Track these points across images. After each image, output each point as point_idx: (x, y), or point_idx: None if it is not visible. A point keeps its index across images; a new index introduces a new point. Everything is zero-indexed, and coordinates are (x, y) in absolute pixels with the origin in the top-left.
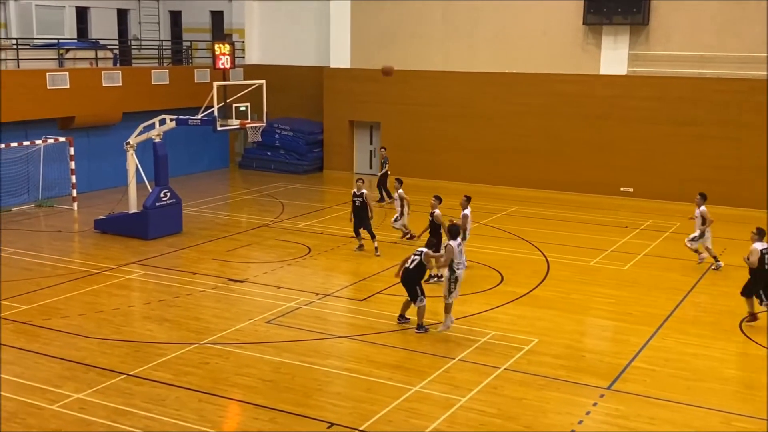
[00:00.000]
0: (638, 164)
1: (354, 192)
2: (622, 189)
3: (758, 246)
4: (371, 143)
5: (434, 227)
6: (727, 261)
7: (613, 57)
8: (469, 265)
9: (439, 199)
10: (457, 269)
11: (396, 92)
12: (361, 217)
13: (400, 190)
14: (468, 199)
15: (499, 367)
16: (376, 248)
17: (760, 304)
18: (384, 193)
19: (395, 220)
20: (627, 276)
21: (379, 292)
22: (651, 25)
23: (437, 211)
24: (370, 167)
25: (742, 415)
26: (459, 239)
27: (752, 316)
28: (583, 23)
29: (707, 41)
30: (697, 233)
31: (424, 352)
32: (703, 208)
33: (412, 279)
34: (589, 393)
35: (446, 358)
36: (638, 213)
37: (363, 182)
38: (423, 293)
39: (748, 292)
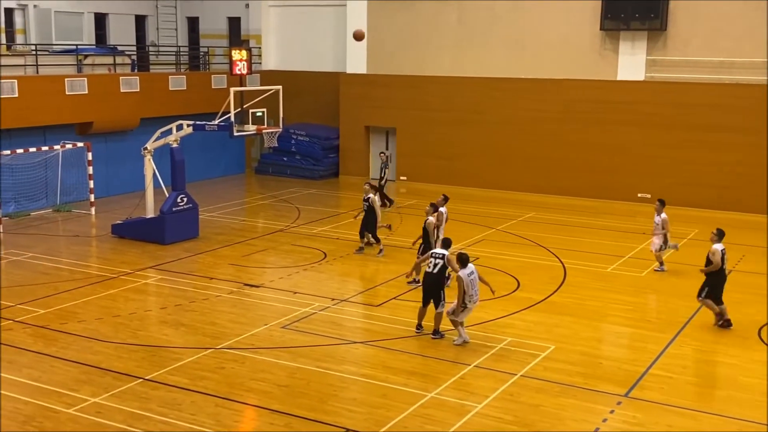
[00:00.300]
0: (656, 170)
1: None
2: (639, 195)
3: (718, 247)
4: (387, 148)
5: (424, 234)
6: (745, 268)
7: (631, 62)
8: (485, 270)
9: (445, 199)
10: (469, 302)
11: (412, 98)
12: (367, 221)
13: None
14: (445, 198)
15: (516, 374)
16: (380, 249)
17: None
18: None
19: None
20: (644, 283)
21: (394, 298)
22: (669, 31)
23: (430, 219)
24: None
25: (761, 423)
26: (470, 268)
27: (724, 319)
28: (601, 29)
29: (725, 47)
30: (660, 241)
31: (439, 358)
32: (663, 215)
33: (436, 283)
34: (606, 400)
35: (462, 365)
36: None
37: (370, 186)
38: (444, 298)
39: (714, 296)
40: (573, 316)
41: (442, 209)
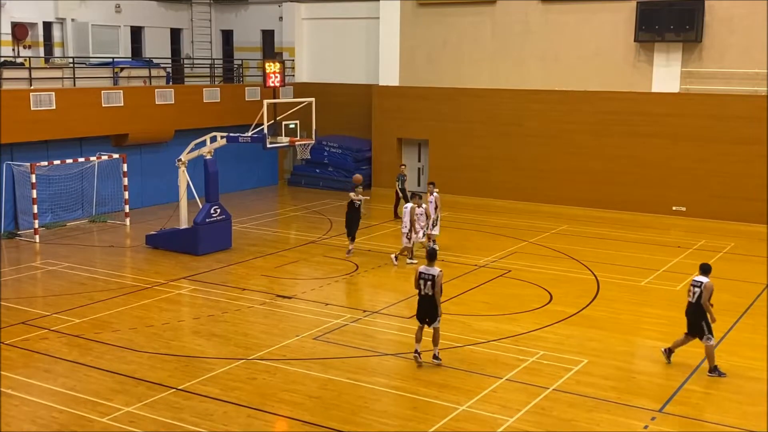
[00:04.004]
0: (691, 183)
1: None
2: (674, 208)
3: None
4: (419, 160)
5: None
6: None
7: (666, 74)
8: (517, 284)
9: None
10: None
11: (444, 110)
12: (356, 221)
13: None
14: (432, 184)
15: (548, 388)
16: (350, 249)
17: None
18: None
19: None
20: (679, 297)
21: None
22: (704, 43)
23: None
24: (418, 184)
25: None
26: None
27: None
28: (635, 40)
29: (761, 58)
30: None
31: (471, 371)
32: (436, 194)
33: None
34: (640, 415)
35: (494, 378)
36: (691, 232)
37: (361, 188)
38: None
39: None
40: (606, 329)
41: (431, 197)
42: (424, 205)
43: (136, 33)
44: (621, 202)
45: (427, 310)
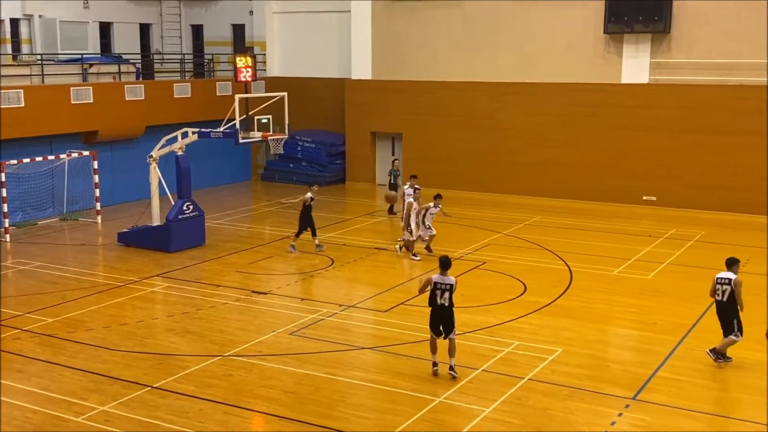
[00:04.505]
0: (661, 173)
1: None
2: (645, 198)
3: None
4: (393, 154)
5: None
6: (752, 270)
7: (635, 65)
8: (492, 275)
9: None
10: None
11: (418, 103)
12: (311, 218)
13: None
14: (413, 177)
15: (523, 378)
16: (292, 245)
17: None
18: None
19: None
20: (651, 285)
21: (402, 303)
22: (673, 33)
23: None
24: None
25: None
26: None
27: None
28: (604, 32)
29: (730, 48)
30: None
31: (448, 362)
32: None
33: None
34: (614, 403)
35: (470, 369)
36: (662, 222)
37: (318, 186)
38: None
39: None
40: (580, 319)
41: (408, 189)
42: (418, 200)
43: (105, 29)
44: (592, 192)
45: (444, 321)
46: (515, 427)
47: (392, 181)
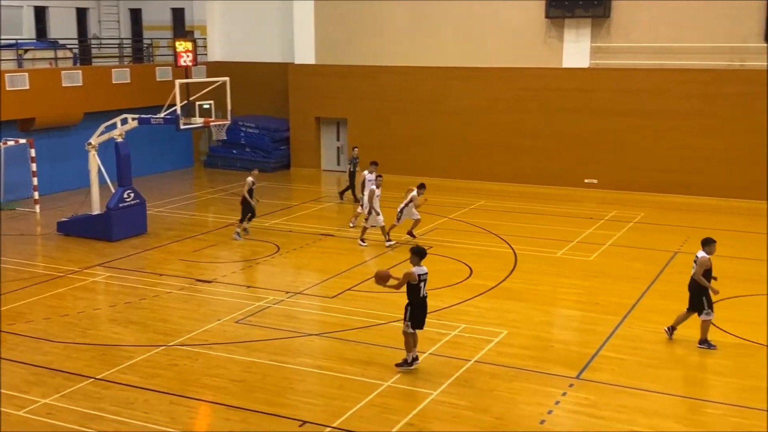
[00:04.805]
0: (602, 156)
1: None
2: (586, 180)
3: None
4: (338, 140)
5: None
6: (691, 249)
7: (576, 50)
8: (438, 260)
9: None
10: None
11: (363, 88)
12: (247, 203)
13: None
14: (375, 165)
15: (470, 360)
16: (238, 232)
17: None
18: (354, 194)
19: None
20: (593, 266)
21: (349, 289)
22: (612, 18)
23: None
24: (338, 164)
25: (710, 401)
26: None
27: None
28: (546, 17)
29: (668, 33)
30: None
31: (395, 347)
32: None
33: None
34: (558, 383)
35: (418, 353)
36: (603, 204)
37: (258, 172)
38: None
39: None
40: (525, 301)
41: (370, 176)
42: (381, 186)
43: (40, 13)
44: (536, 175)
45: (426, 313)
46: (462, 409)
47: (352, 169)
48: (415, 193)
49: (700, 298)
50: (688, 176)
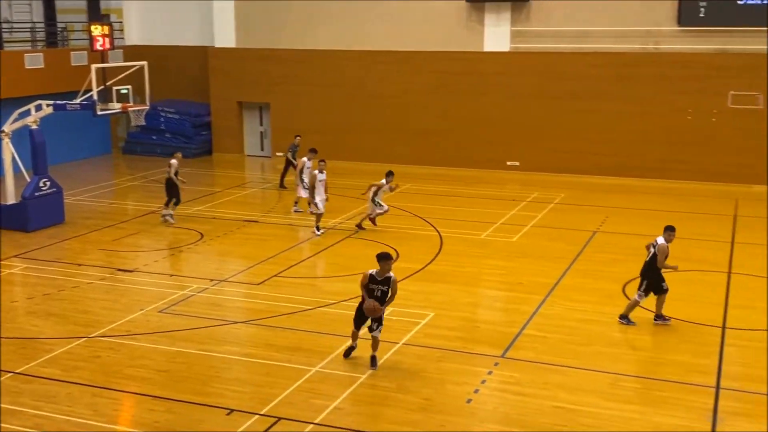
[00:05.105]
0: (523, 138)
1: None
2: (508, 163)
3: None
4: (261, 124)
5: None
6: (609, 229)
7: (496, 34)
8: (364, 244)
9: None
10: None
11: (286, 72)
12: (177, 187)
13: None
14: (314, 152)
15: (398, 343)
16: (165, 216)
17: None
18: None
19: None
20: (516, 247)
21: (275, 275)
22: (531, 3)
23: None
24: (261, 149)
25: (629, 375)
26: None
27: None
28: (467, 0)
29: (585, 17)
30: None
31: (323, 332)
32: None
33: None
34: (484, 362)
35: (345, 337)
36: (525, 186)
37: (181, 155)
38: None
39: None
40: (451, 283)
41: (321, 176)
42: (325, 172)
43: None
44: (459, 159)
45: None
46: (390, 391)
47: (290, 157)
48: (383, 181)
49: (642, 280)
50: (606, 157)
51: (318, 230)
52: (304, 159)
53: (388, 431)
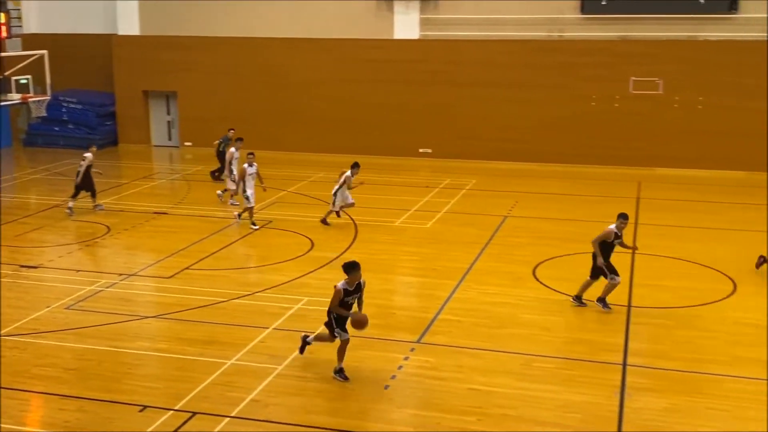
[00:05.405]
0: (434, 126)
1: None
2: (421, 150)
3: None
4: (168, 114)
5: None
6: (519, 213)
7: (406, 22)
8: (279, 233)
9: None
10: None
11: (193, 60)
12: (92, 179)
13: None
14: (241, 141)
15: (314, 332)
16: (96, 205)
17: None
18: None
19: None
20: (430, 233)
21: (186, 268)
22: None
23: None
24: (169, 138)
25: (541, 355)
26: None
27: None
28: None
29: (492, 5)
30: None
31: (238, 324)
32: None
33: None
34: (400, 348)
35: (261, 329)
36: (437, 172)
37: (94, 148)
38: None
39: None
40: (366, 270)
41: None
42: (255, 164)
43: None
44: (372, 147)
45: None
46: (308, 381)
47: (221, 149)
48: (348, 173)
49: (594, 264)
50: (516, 144)
51: (254, 225)
52: (233, 150)
53: (306, 422)
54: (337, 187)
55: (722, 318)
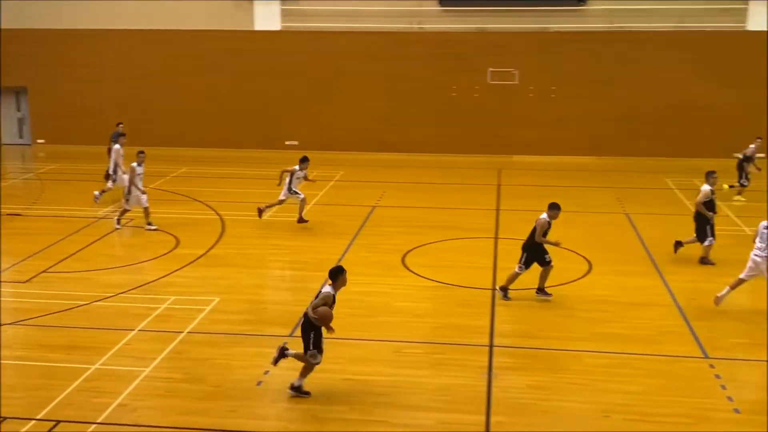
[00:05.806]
0: (300, 118)
1: None
2: (287, 142)
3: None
4: (19, 110)
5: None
6: (387, 203)
7: (266, 12)
8: (141, 232)
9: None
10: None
11: (46, 53)
12: None
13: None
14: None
15: (182, 332)
16: None
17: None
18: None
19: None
20: (299, 226)
21: (44, 271)
22: None
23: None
24: (20, 136)
25: (412, 341)
26: None
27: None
28: None
29: None
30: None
31: (101, 327)
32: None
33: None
34: (273, 343)
35: (126, 331)
36: None
37: None
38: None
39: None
40: (235, 266)
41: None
42: (143, 165)
43: None
44: (237, 140)
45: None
46: (177, 382)
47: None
48: (296, 167)
49: (522, 252)
50: (380, 134)
51: (150, 225)
52: (117, 146)
53: (177, 423)
54: (288, 182)
55: (580, 297)
